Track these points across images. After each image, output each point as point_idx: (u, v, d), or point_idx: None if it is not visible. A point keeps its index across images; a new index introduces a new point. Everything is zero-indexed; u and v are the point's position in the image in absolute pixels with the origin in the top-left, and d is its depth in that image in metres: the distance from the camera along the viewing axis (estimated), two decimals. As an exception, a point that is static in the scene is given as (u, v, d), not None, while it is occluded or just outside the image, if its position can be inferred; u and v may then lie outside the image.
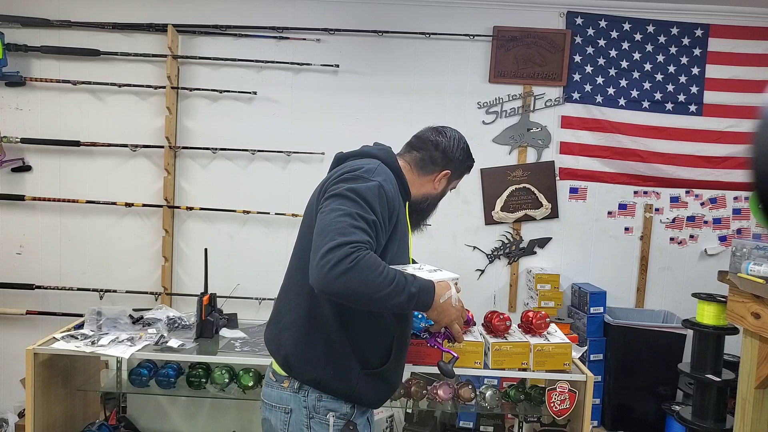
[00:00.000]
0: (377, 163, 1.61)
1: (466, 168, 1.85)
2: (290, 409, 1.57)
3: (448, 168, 1.78)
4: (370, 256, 1.37)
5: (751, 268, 2.27)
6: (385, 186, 1.51)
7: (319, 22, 3.37)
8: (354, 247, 1.36)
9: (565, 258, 3.54)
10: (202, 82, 3.38)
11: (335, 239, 1.36)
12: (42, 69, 3.35)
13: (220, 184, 3.44)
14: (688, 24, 3.43)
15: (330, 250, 1.35)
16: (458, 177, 1.85)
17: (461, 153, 1.80)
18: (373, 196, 1.47)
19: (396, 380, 1.69)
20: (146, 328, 2.62)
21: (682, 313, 3.19)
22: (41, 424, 2.42)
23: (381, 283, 1.37)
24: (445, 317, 1.55)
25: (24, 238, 3.43)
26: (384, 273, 1.38)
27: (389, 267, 1.42)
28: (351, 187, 1.47)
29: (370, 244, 1.41)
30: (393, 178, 1.62)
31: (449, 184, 1.83)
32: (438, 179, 1.78)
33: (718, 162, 3.48)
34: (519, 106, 3.46)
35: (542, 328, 2.42)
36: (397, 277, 1.40)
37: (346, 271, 1.33)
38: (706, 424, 2.69)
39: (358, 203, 1.44)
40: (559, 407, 2.37)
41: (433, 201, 1.82)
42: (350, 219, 1.41)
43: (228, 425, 3.02)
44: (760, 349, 2.26)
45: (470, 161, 1.85)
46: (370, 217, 1.44)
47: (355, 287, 1.36)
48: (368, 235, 1.42)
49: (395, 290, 1.39)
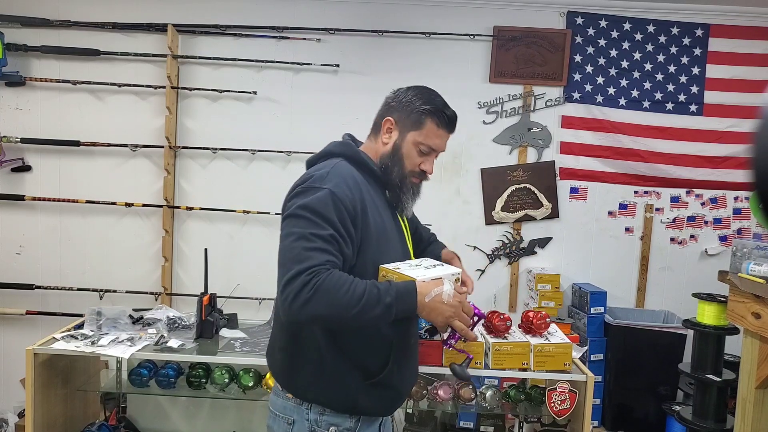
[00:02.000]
0: (333, 163, 1.51)
1: (421, 112, 1.54)
2: (293, 420, 1.54)
3: (390, 114, 1.57)
4: (330, 277, 1.32)
5: (751, 268, 2.27)
6: (337, 191, 1.41)
7: (319, 21, 3.36)
8: (311, 273, 1.31)
9: (566, 258, 3.54)
10: (202, 82, 3.38)
11: (291, 269, 1.32)
12: (42, 69, 3.35)
13: (220, 184, 3.44)
14: (689, 24, 3.42)
15: (288, 282, 1.32)
16: (414, 126, 1.55)
17: (407, 95, 1.57)
18: (325, 207, 1.38)
19: (402, 384, 1.62)
20: (146, 328, 2.62)
21: (682, 313, 3.18)
22: (41, 424, 2.42)
23: (348, 302, 1.31)
24: (438, 316, 1.43)
25: (24, 238, 3.43)
26: (350, 290, 1.32)
27: (357, 282, 1.34)
28: (302, 203, 1.40)
29: (331, 263, 1.35)
30: (352, 173, 1.50)
31: (404, 136, 1.56)
32: (384, 132, 1.58)
33: (719, 162, 3.47)
34: (519, 106, 3.46)
35: (542, 328, 2.42)
36: (367, 291, 1.33)
37: (308, 300, 1.30)
38: (707, 424, 2.69)
39: (310, 221, 1.37)
40: (560, 407, 2.37)
41: (391, 162, 1.56)
42: (304, 242, 1.35)
43: (228, 425, 3.02)
44: (760, 349, 2.26)
45: (423, 104, 1.54)
46: (326, 233, 1.36)
47: (323, 313, 1.32)
48: (327, 254, 1.35)
49: (367, 305, 1.33)
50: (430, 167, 1.61)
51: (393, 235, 1.58)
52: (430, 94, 1.59)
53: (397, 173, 1.57)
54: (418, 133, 1.56)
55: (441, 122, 1.56)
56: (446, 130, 1.59)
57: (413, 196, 1.63)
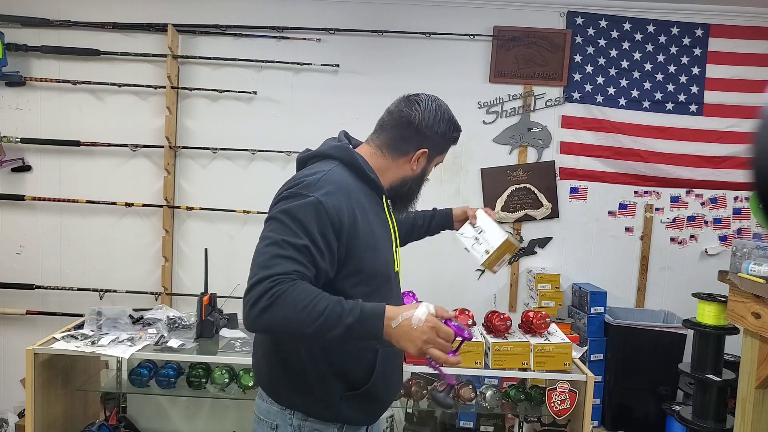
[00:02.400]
0: (328, 168, 1.46)
1: (449, 141, 1.62)
2: (276, 425, 1.50)
3: (425, 146, 1.57)
4: (293, 288, 1.25)
5: (751, 268, 2.27)
6: (325, 201, 1.35)
7: (319, 21, 3.36)
8: (274, 281, 1.25)
9: (566, 258, 3.54)
10: (202, 82, 3.38)
11: (257, 274, 1.27)
12: (42, 69, 3.35)
13: (220, 184, 3.44)
14: (689, 24, 3.42)
15: (251, 287, 1.27)
16: (441, 152, 1.63)
17: (440, 125, 1.57)
18: (308, 216, 1.33)
19: (386, 395, 1.58)
20: (146, 328, 2.62)
21: (682, 313, 3.18)
22: (41, 424, 2.42)
23: (305, 319, 1.23)
24: (408, 343, 1.28)
25: (24, 238, 3.43)
26: (310, 306, 1.24)
27: (322, 297, 1.26)
28: (285, 208, 1.35)
29: (298, 273, 1.28)
30: (346, 180, 1.46)
31: (430, 162, 1.61)
32: (414, 159, 1.57)
33: (719, 162, 3.47)
34: (519, 106, 3.46)
35: (542, 328, 2.42)
36: (328, 310, 1.25)
37: (264, 309, 1.23)
38: (707, 424, 2.69)
39: (287, 227, 1.32)
40: (560, 407, 2.37)
41: (414, 184, 1.61)
42: (275, 248, 1.30)
43: (228, 425, 3.02)
44: (760, 349, 2.26)
45: (454, 133, 1.62)
46: (300, 242, 1.30)
47: (278, 325, 1.25)
48: (296, 263, 1.29)
49: (325, 324, 1.24)
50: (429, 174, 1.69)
51: (384, 244, 1.54)
52: (452, 118, 1.62)
53: (417, 191, 1.64)
54: (439, 157, 1.64)
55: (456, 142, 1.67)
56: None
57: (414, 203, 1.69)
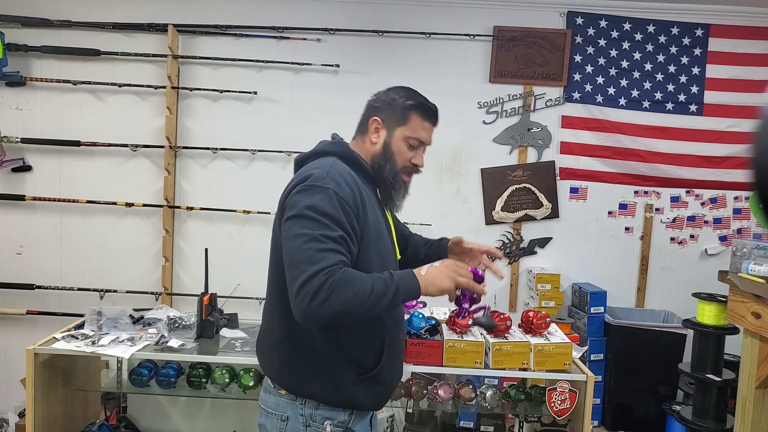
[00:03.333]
0: (330, 163, 1.53)
1: (404, 109, 1.60)
2: (287, 416, 1.55)
3: (375, 114, 1.61)
4: (343, 275, 1.35)
5: (751, 267, 2.27)
6: (339, 191, 1.44)
7: (319, 22, 3.37)
8: (326, 273, 1.34)
9: (566, 258, 3.54)
10: (203, 82, 3.38)
11: (306, 270, 1.35)
12: (42, 69, 3.35)
13: (220, 184, 3.44)
14: (689, 24, 3.42)
15: (304, 284, 1.34)
16: (400, 122, 1.60)
17: (389, 94, 1.62)
18: (333, 207, 1.42)
19: (391, 380, 1.65)
20: (146, 328, 2.62)
21: (682, 313, 3.18)
22: (41, 424, 2.42)
23: (362, 297, 1.35)
24: (443, 282, 1.45)
25: (24, 238, 3.43)
26: (362, 286, 1.36)
27: (365, 276, 1.39)
28: (308, 204, 1.42)
29: (343, 263, 1.39)
30: (349, 172, 1.53)
31: (392, 133, 1.60)
32: (372, 132, 1.62)
33: (719, 162, 3.47)
34: (519, 106, 3.46)
35: (542, 328, 2.42)
36: (376, 285, 1.38)
37: (325, 300, 1.33)
38: (707, 424, 2.69)
39: (320, 222, 1.40)
40: (560, 407, 2.37)
41: (381, 160, 1.61)
42: (316, 243, 1.37)
43: (228, 425, 3.02)
44: (760, 349, 2.26)
45: (407, 100, 1.60)
46: (336, 234, 1.40)
47: (340, 311, 1.35)
48: (339, 254, 1.39)
49: (377, 297, 1.37)
50: (421, 160, 1.65)
51: (385, 232, 1.63)
52: (410, 91, 1.64)
53: (389, 170, 1.61)
54: (406, 128, 1.61)
55: (426, 115, 1.62)
56: (431, 123, 1.65)
57: (404, 194, 1.67)
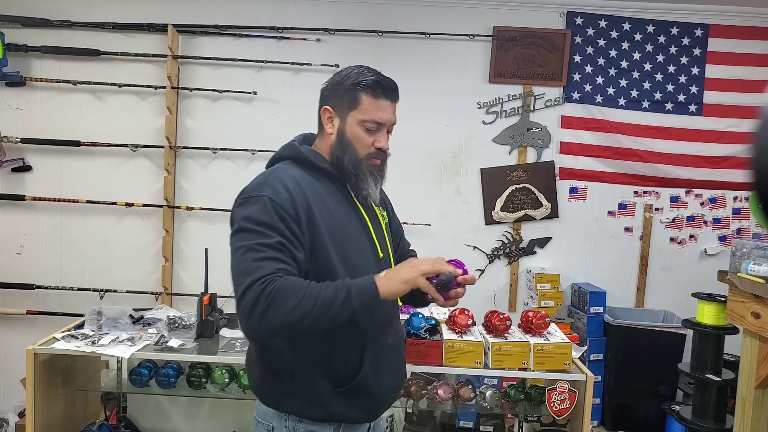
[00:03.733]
0: (273, 169, 1.47)
1: (350, 89, 1.47)
2: (272, 426, 1.50)
3: (326, 103, 1.52)
4: (285, 283, 1.27)
5: (750, 268, 2.27)
6: (275, 197, 1.36)
7: (319, 22, 3.37)
8: (263, 282, 1.27)
9: (565, 258, 3.54)
10: (202, 82, 3.38)
11: (243, 282, 1.28)
12: (42, 69, 3.35)
13: (220, 184, 3.44)
14: (688, 24, 3.43)
15: (241, 297, 1.28)
16: (352, 104, 1.47)
17: (334, 79, 1.52)
18: (267, 214, 1.34)
19: (380, 389, 1.52)
20: (146, 328, 2.62)
21: (682, 313, 3.19)
22: (41, 424, 2.42)
23: (307, 306, 1.27)
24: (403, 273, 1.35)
25: (24, 238, 3.43)
26: (306, 294, 1.28)
27: (310, 284, 1.30)
28: (244, 215, 1.36)
29: (284, 270, 1.31)
30: (293, 175, 1.44)
31: (345, 119, 1.48)
32: (326, 122, 1.52)
33: (718, 162, 3.48)
34: (519, 106, 3.46)
35: (542, 328, 2.42)
36: (321, 291, 1.29)
37: (264, 311, 1.25)
38: (706, 424, 2.69)
39: (256, 231, 1.33)
40: (559, 407, 2.37)
41: (338, 150, 1.50)
42: (252, 253, 1.31)
43: (228, 425, 3.02)
44: (760, 349, 2.27)
45: (357, 79, 1.46)
46: (273, 240, 1.32)
47: (282, 322, 1.27)
48: (279, 261, 1.31)
49: (325, 302, 1.28)
50: (384, 143, 1.51)
51: (355, 232, 1.51)
52: (359, 69, 1.50)
53: (348, 160, 1.49)
54: (358, 111, 1.47)
55: (377, 92, 1.47)
56: (387, 99, 1.49)
57: (375, 179, 1.52)
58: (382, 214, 1.63)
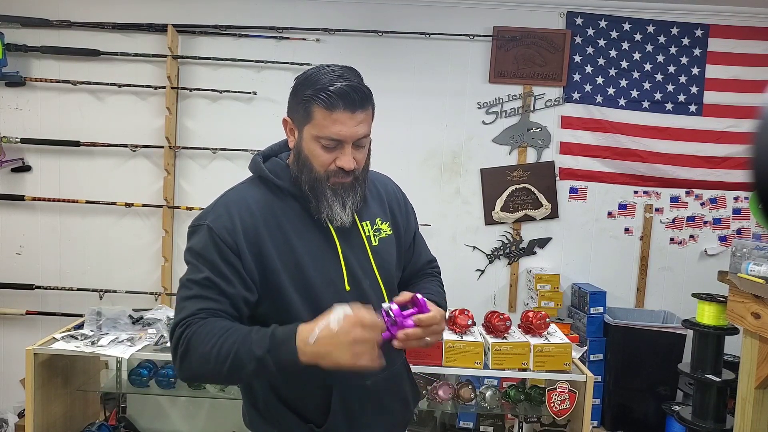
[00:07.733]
0: (229, 189, 1.39)
1: (305, 101, 1.26)
2: None
3: (288, 112, 1.34)
4: (201, 328, 1.17)
5: (751, 268, 2.27)
6: (213, 225, 1.26)
7: (319, 22, 3.37)
8: (183, 325, 1.19)
9: (565, 258, 3.54)
10: (202, 82, 3.38)
11: (173, 322, 1.24)
12: (42, 69, 3.35)
13: (220, 185, 3.40)
14: (688, 24, 3.43)
15: (170, 338, 1.23)
16: (307, 118, 1.26)
17: (296, 83, 1.31)
18: (206, 246, 1.26)
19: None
20: (146, 328, 2.62)
21: (682, 313, 3.19)
22: (41, 424, 2.42)
23: (217, 358, 1.14)
24: (339, 353, 1.09)
25: (24, 238, 3.43)
26: (219, 343, 1.14)
27: (233, 330, 1.16)
28: (187, 247, 1.31)
29: (207, 311, 1.21)
30: (245, 197, 1.33)
31: (302, 134, 1.29)
32: (288, 135, 1.36)
33: (718, 162, 3.47)
34: (519, 106, 3.46)
35: (542, 328, 2.43)
36: (237, 344, 1.14)
37: (183, 356, 1.18)
38: (706, 425, 2.69)
39: (192, 265, 1.27)
40: (559, 407, 2.37)
41: (297, 169, 1.32)
42: (183, 291, 1.25)
43: (228, 425, 3.02)
44: (760, 349, 2.26)
45: (309, 89, 1.24)
46: (201, 276, 1.23)
47: (198, 370, 1.19)
48: (202, 300, 1.21)
49: (236, 361, 1.13)
50: (345, 162, 1.27)
51: (318, 261, 1.32)
52: (318, 73, 1.26)
53: (306, 179, 1.30)
54: (311, 126, 1.26)
55: (330, 104, 1.22)
56: (345, 110, 1.23)
57: (342, 201, 1.31)
58: (373, 232, 1.41)
